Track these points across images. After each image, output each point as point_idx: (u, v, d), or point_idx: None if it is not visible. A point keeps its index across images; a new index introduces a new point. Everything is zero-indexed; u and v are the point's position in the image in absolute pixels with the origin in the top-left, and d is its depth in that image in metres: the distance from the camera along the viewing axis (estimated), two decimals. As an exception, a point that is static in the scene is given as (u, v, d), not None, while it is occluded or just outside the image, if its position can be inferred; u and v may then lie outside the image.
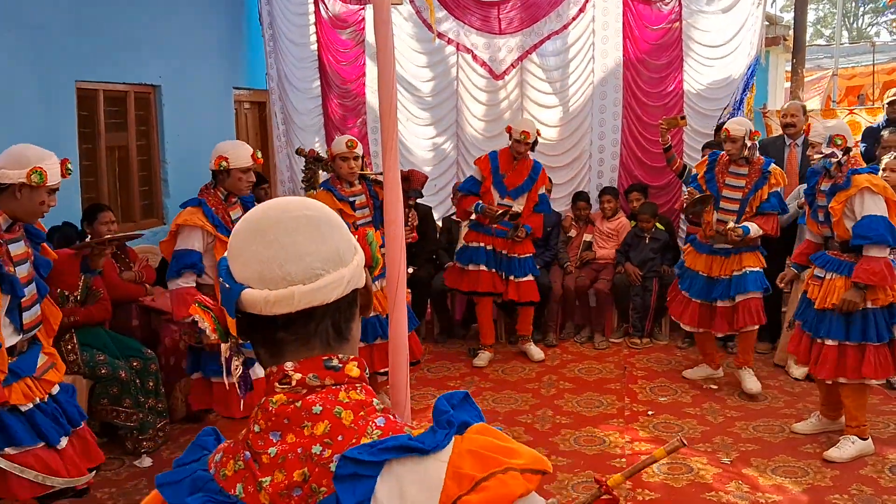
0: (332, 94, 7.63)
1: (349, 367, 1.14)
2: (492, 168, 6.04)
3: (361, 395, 1.13)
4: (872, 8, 35.36)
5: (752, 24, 6.71)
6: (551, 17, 7.06)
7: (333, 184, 4.93)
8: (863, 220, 4.15)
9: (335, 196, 4.82)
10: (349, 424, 1.08)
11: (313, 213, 1.16)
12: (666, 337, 6.69)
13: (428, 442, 1.05)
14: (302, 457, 1.06)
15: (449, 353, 6.53)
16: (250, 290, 1.11)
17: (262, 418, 1.11)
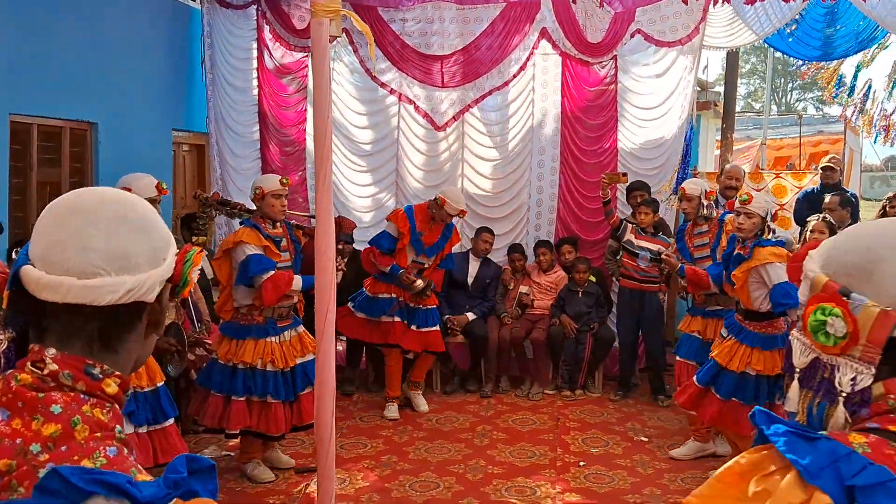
0: (272, 140, 7.61)
1: (107, 382, 1.08)
2: (410, 226, 6.00)
3: (106, 417, 1.06)
4: (800, 84, 37.23)
5: (683, 88, 6.99)
6: (493, 73, 7.22)
7: (257, 222, 4.79)
8: (777, 288, 4.33)
9: (261, 233, 4.69)
10: (80, 440, 1.01)
11: (127, 212, 1.11)
12: (599, 389, 6.74)
13: (145, 493, 0.98)
14: (17, 449, 1.00)
15: (382, 402, 6.42)
16: (30, 267, 1.07)
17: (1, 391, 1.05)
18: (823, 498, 0.97)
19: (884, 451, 1.01)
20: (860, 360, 1.07)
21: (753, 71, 36.29)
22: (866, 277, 1.09)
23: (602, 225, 7.08)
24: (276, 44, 7.52)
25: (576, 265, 6.78)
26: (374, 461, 5.16)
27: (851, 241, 1.16)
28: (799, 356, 1.15)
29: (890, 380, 1.08)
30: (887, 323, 1.05)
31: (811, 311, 1.11)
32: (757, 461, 1.06)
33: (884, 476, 0.97)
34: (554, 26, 7.06)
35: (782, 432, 1.05)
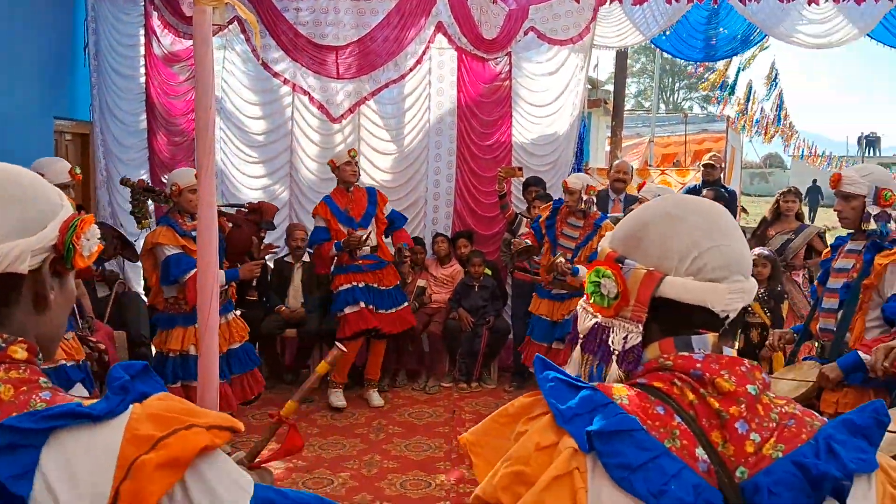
0: (160, 129, 7.34)
1: (13, 349, 1.07)
2: (331, 209, 6.02)
3: (25, 374, 1.05)
4: (686, 85, 38.78)
5: (575, 86, 7.17)
6: (389, 66, 7.19)
7: (174, 218, 4.75)
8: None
9: (177, 232, 4.67)
10: (8, 399, 1.00)
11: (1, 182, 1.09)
12: (494, 381, 6.84)
13: (99, 408, 0.98)
14: None
15: (276, 398, 6.31)
16: None
17: None
18: (569, 441, 1.03)
19: (641, 404, 1.07)
20: (630, 320, 1.16)
21: (643, 70, 37.56)
22: (636, 244, 1.19)
23: (497, 219, 7.18)
24: (165, 31, 7.25)
25: (471, 259, 6.85)
26: (267, 459, 5.06)
27: (631, 215, 1.26)
28: (582, 323, 1.23)
29: (664, 340, 1.16)
30: (651, 282, 1.14)
31: (588, 276, 1.21)
32: (527, 404, 1.12)
33: (627, 425, 1.04)
34: (450, 21, 7.09)
35: (551, 378, 1.11)
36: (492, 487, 1.05)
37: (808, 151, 20.13)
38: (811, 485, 1.02)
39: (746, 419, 1.08)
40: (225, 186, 7.34)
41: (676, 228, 1.17)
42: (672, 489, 1.00)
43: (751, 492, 1.03)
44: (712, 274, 1.15)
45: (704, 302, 1.13)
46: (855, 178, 3.39)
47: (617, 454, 1.02)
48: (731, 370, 1.12)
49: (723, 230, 1.19)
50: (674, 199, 1.26)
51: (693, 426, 1.07)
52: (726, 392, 1.09)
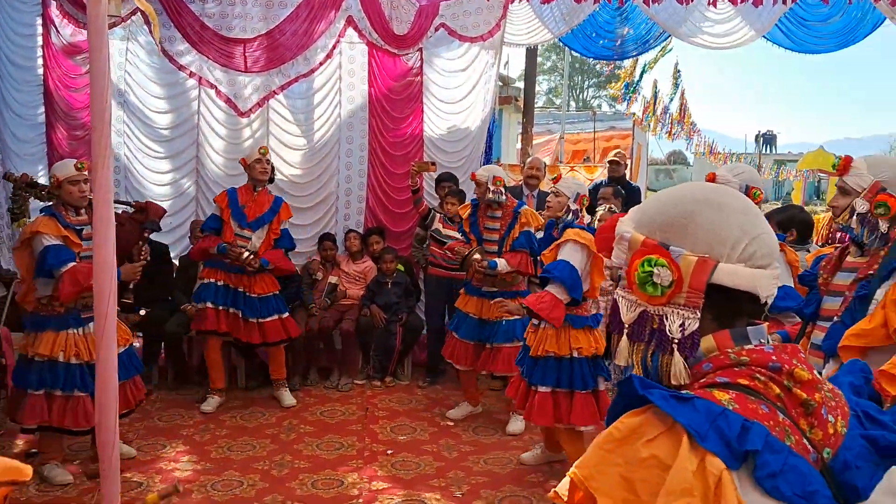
0: (59, 123, 7.02)
1: None
2: (229, 200, 5.90)
3: None
4: (595, 83, 39.65)
5: (485, 82, 7.23)
6: (299, 59, 7.08)
7: (58, 210, 4.51)
8: (556, 261, 4.46)
9: (59, 222, 4.43)
10: None
11: None
12: (408, 377, 6.84)
13: None
14: None
15: (183, 400, 6.15)
16: None
17: None
18: (716, 461, 1.02)
19: (748, 406, 1.08)
20: (685, 307, 1.15)
21: (554, 68, 38.19)
22: (681, 231, 1.18)
23: (409, 215, 7.18)
24: (64, 21, 6.91)
25: (383, 256, 6.82)
26: (173, 462, 4.93)
27: (660, 203, 1.24)
28: (626, 312, 1.22)
29: (719, 333, 1.17)
30: (705, 269, 1.14)
31: (637, 265, 1.18)
32: (635, 426, 1.08)
33: (763, 433, 1.04)
34: (360, 15, 7.03)
35: (663, 396, 1.08)
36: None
37: (710, 149, 20.87)
38: (880, 454, 1.10)
39: (826, 403, 1.13)
40: (129, 182, 7.09)
41: (725, 215, 1.18)
42: (817, 487, 1.03)
43: (840, 469, 1.08)
44: (761, 261, 1.17)
45: (755, 288, 1.16)
46: (728, 178, 3.53)
47: (765, 465, 1.03)
48: (798, 358, 1.15)
49: (761, 218, 1.22)
50: (708, 187, 1.26)
51: (791, 419, 1.09)
52: (806, 381, 1.12)
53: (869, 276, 2.82)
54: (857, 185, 2.88)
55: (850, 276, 2.94)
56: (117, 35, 6.96)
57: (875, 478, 1.09)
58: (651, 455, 1.03)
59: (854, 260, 2.98)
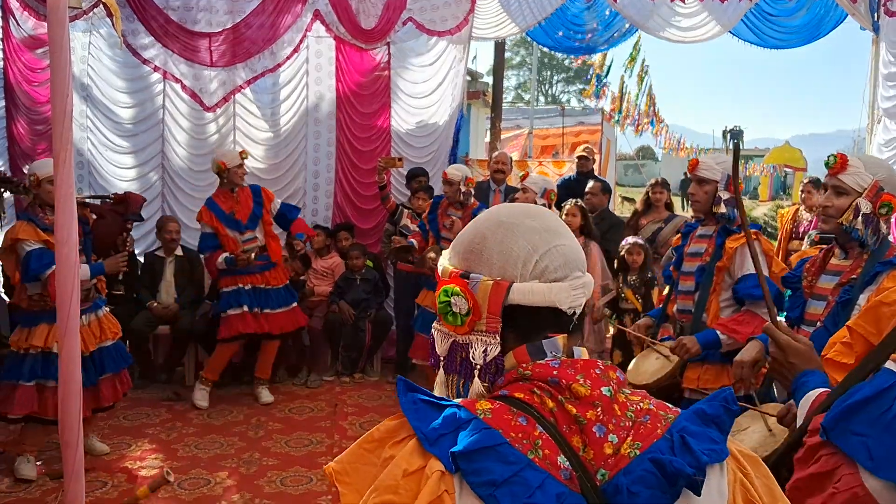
0: (21, 116, 6.87)
1: None
2: (216, 214, 5.82)
3: None
4: (564, 78, 39.84)
5: (454, 77, 7.22)
6: (265, 54, 7.01)
7: (34, 213, 4.46)
8: None
9: (38, 226, 4.40)
10: None
11: None
12: (377, 373, 6.82)
13: None
14: None
15: (149, 399, 6.07)
16: None
17: None
18: (436, 464, 1.03)
19: (503, 417, 1.08)
20: (486, 332, 1.16)
21: (523, 63, 38.29)
22: (478, 257, 1.20)
23: (378, 211, 7.15)
24: (25, 13, 6.77)
25: (351, 252, 6.79)
26: (140, 461, 4.86)
27: (466, 229, 1.26)
28: (440, 344, 1.22)
29: (517, 349, 1.17)
30: (499, 292, 1.15)
31: (437, 296, 1.20)
32: (392, 428, 1.11)
33: (491, 440, 1.04)
34: (327, 9, 6.98)
35: (414, 399, 1.10)
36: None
37: (678, 144, 21.08)
38: (668, 481, 1.05)
39: (603, 421, 1.10)
40: (93, 177, 6.98)
41: (513, 235, 1.19)
42: (536, 501, 1.01)
43: (612, 493, 1.05)
44: (555, 274, 1.17)
45: (553, 302, 1.15)
46: (710, 165, 3.61)
47: (482, 472, 1.02)
48: (587, 374, 1.13)
49: (555, 230, 1.21)
50: (504, 209, 1.26)
51: (555, 434, 1.08)
52: (582, 396, 1.10)
53: (852, 280, 2.74)
54: (857, 184, 2.72)
55: (834, 279, 2.87)
56: (79, 28, 6.84)
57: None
58: (391, 455, 1.07)
59: (838, 262, 2.89)
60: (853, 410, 1.81)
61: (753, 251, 2.39)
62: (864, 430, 1.78)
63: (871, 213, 2.71)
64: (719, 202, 3.61)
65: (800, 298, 3.05)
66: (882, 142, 7.20)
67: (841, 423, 1.84)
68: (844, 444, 1.81)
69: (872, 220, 3.03)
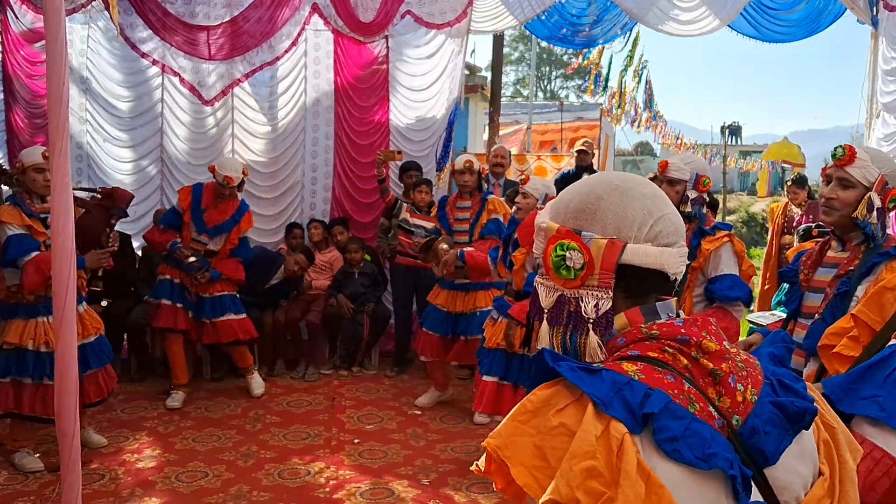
0: (18, 107, 6.85)
1: None
2: (192, 201, 5.77)
3: None
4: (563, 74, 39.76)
5: (452, 70, 7.20)
6: (263, 47, 7.00)
7: (22, 198, 4.42)
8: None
9: (23, 211, 4.35)
10: None
11: None
12: (375, 367, 6.81)
13: None
14: None
15: (147, 392, 6.07)
16: None
17: None
18: (619, 426, 1.06)
19: (654, 376, 1.13)
20: (598, 288, 1.21)
21: (521, 59, 38.21)
22: (591, 216, 1.25)
23: (376, 205, 7.14)
24: (24, 7, 6.76)
25: (348, 246, 6.78)
26: (137, 454, 4.86)
27: (573, 192, 1.31)
28: (545, 298, 1.27)
29: (630, 309, 1.23)
30: (614, 249, 1.20)
31: (551, 251, 1.24)
32: (547, 397, 1.13)
33: (664, 399, 1.09)
34: (325, 2, 6.97)
35: (571, 367, 1.13)
36: (567, 488, 1.03)
37: (676, 140, 21.03)
38: (790, 420, 1.15)
39: (734, 372, 1.18)
40: (92, 170, 6.98)
41: (630, 199, 1.25)
42: (717, 450, 1.08)
43: (748, 435, 1.14)
44: (666, 239, 1.24)
45: (663, 266, 1.22)
46: (679, 165, 3.68)
47: (665, 429, 1.07)
48: (708, 330, 1.21)
49: (665, 200, 1.29)
50: (614, 174, 1.32)
51: (697, 388, 1.14)
52: (713, 351, 1.17)
53: (849, 272, 2.71)
54: (864, 178, 2.66)
55: (831, 271, 2.84)
56: (77, 21, 6.83)
57: (784, 443, 1.15)
58: (560, 423, 1.08)
59: (835, 255, 2.86)
60: (858, 379, 1.87)
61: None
62: (873, 392, 1.84)
63: (698, 195, 2.90)
64: (686, 201, 3.68)
65: (797, 292, 3.03)
66: (881, 136, 7.18)
67: (849, 393, 1.89)
68: (852, 408, 1.87)
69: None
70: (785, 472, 1.16)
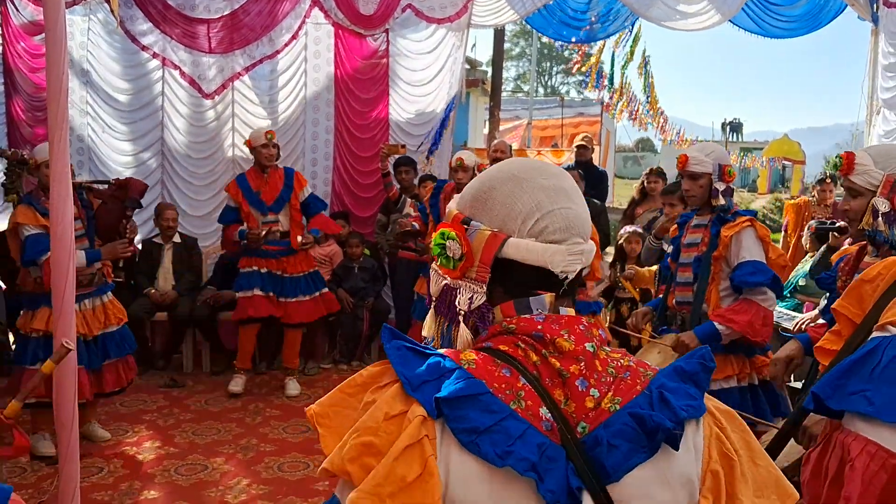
0: (19, 99, 6.83)
1: None
2: (242, 190, 5.77)
3: None
4: (564, 69, 39.74)
5: (452, 64, 7.19)
6: (263, 41, 6.99)
7: (37, 196, 4.45)
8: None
9: (38, 211, 4.38)
10: None
11: None
12: (375, 361, 6.80)
13: None
14: None
15: (147, 385, 6.07)
16: None
17: None
18: (418, 409, 1.04)
19: (487, 367, 1.10)
20: (475, 281, 1.17)
21: (522, 54, 38.20)
22: (482, 205, 1.21)
23: (375, 199, 7.14)
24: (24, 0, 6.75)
25: (349, 240, 6.77)
26: (136, 447, 4.86)
27: (478, 177, 1.27)
28: (433, 285, 1.24)
29: (504, 303, 1.18)
30: (494, 243, 1.16)
31: (434, 237, 1.22)
32: (375, 373, 1.12)
33: (474, 389, 1.06)
34: (325, -5, 6.96)
35: (398, 346, 1.11)
36: (340, 459, 1.02)
37: (677, 136, 21.02)
38: (647, 435, 1.07)
39: (585, 376, 1.12)
40: (93, 163, 6.98)
41: (521, 191, 1.19)
42: (517, 449, 1.03)
43: (592, 445, 1.07)
44: (553, 236, 1.17)
45: (545, 263, 1.15)
46: (700, 158, 3.52)
47: (464, 419, 1.04)
48: (571, 329, 1.15)
49: (566, 193, 1.21)
50: (520, 162, 1.27)
51: (537, 386, 1.09)
52: (566, 351, 1.12)
53: None
54: (869, 183, 2.54)
55: None
56: (78, 13, 6.82)
57: (632, 460, 1.07)
58: (372, 400, 1.07)
59: (871, 261, 2.69)
60: (845, 375, 1.84)
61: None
62: (861, 387, 1.81)
63: (891, 211, 2.52)
64: (717, 194, 3.54)
65: (835, 298, 2.97)
66: (882, 133, 7.18)
67: (837, 389, 1.86)
68: (842, 405, 1.84)
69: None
70: (633, 494, 1.07)
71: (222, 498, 4.17)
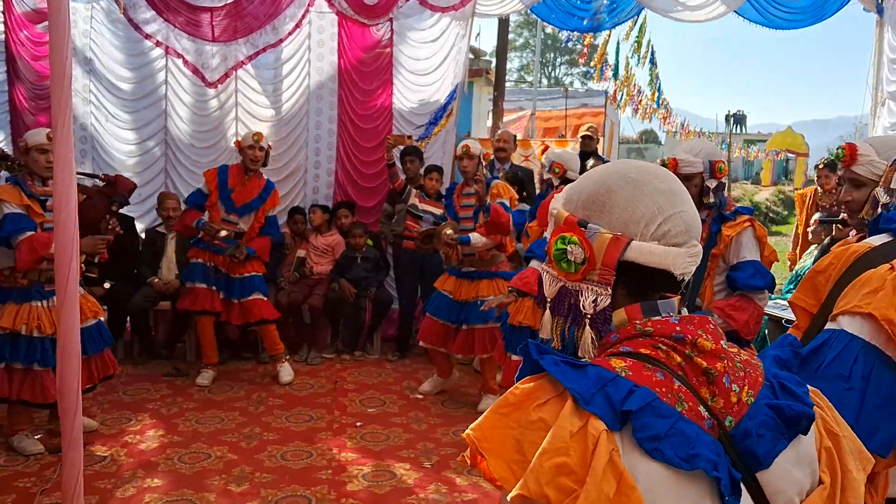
0: (22, 87, 6.83)
1: None
2: (219, 182, 5.77)
3: None
4: (567, 60, 39.64)
5: (456, 54, 7.16)
6: (267, 29, 6.96)
7: (23, 178, 4.41)
8: (541, 239, 4.44)
9: (23, 191, 4.33)
10: None
11: None
12: (377, 351, 6.82)
13: None
14: None
15: (150, 374, 6.08)
16: None
17: None
18: (597, 423, 1.04)
19: (642, 373, 1.11)
20: (598, 283, 1.19)
21: (526, 45, 38.06)
22: (599, 208, 1.21)
23: (379, 189, 7.12)
24: (26, -13, 6.74)
25: (352, 230, 6.77)
26: (139, 435, 4.87)
27: (588, 179, 1.27)
28: (548, 287, 1.25)
29: (630, 306, 1.20)
30: (617, 247, 1.17)
31: (554, 242, 1.22)
32: (529, 391, 1.11)
33: (648, 397, 1.07)
34: (329, -16, 6.93)
35: (555, 361, 1.11)
36: (536, 484, 1.02)
37: (681, 128, 20.98)
38: (786, 423, 1.13)
39: (728, 372, 1.16)
40: (96, 152, 6.97)
41: (641, 194, 1.20)
42: (701, 451, 1.06)
43: (741, 437, 1.12)
44: (675, 239, 1.19)
45: (668, 266, 1.17)
46: (690, 160, 3.44)
47: (647, 427, 1.05)
48: (705, 329, 1.18)
49: (681, 196, 1.23)
50: (632, 164, 1.27)
51: (689, 387, 1.12)
52: (708, 350, 1.15)
53: None
54: (871, 173, 2.49)
55: None
56: (81, 1, 6.80)
57: (777, 447, 1.12)
58: (539, 418, 1.07)
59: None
60: (799, 369, 1.87)
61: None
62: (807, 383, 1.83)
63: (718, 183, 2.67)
64: (709, 192, 3.47)
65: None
66: (887, 125, 7.15)
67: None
68: None
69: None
70: (778, 476, 1.13)
71: (225, 486, 4.18)
